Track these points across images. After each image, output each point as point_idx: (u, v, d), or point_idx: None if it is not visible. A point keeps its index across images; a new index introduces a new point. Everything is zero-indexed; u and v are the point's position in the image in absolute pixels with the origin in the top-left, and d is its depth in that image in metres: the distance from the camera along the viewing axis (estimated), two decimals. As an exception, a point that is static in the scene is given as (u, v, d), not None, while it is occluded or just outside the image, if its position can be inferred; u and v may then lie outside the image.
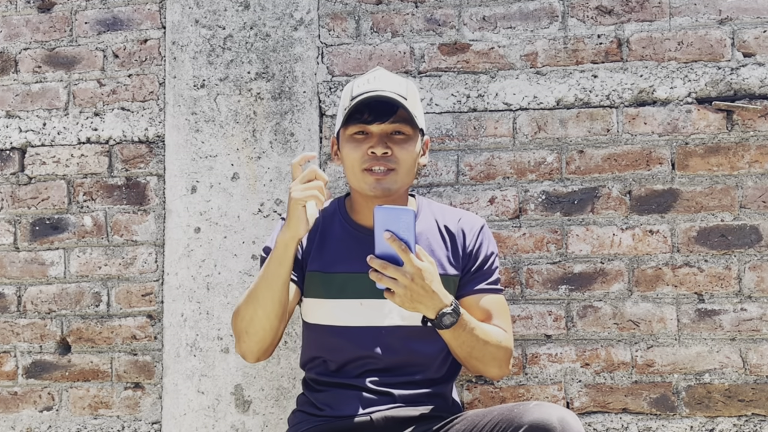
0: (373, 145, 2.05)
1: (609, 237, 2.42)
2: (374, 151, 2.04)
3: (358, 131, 2.08)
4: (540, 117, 2.46)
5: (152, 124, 2.63)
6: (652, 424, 2.37)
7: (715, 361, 2.36)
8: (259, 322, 2.01)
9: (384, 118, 2.05)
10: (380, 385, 2.04)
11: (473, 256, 2.14)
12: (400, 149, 2.07)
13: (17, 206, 2.69)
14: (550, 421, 1.75)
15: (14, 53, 2.73)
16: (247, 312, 2.01)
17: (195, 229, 2.56)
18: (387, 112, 2.05)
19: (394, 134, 2.08)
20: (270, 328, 2.02)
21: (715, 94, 2.40)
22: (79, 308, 2.63)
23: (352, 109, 2.05)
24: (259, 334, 2.03)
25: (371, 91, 2.06)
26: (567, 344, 2.41)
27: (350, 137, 2.08)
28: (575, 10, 2.47)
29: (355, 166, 2.07)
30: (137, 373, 2.59)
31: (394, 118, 2.06)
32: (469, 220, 2.19)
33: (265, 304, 1.99)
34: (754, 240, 2.36)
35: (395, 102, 2.04)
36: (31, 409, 2.64)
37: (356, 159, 2.06)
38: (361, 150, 2.06)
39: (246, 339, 2.05)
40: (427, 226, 2.16)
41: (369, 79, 2.10)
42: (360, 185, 2.08)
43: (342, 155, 2.12)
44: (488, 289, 2.13)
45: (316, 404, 2.09)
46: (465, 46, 2.51)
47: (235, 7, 2.60)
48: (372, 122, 2.05)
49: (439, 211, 2.21)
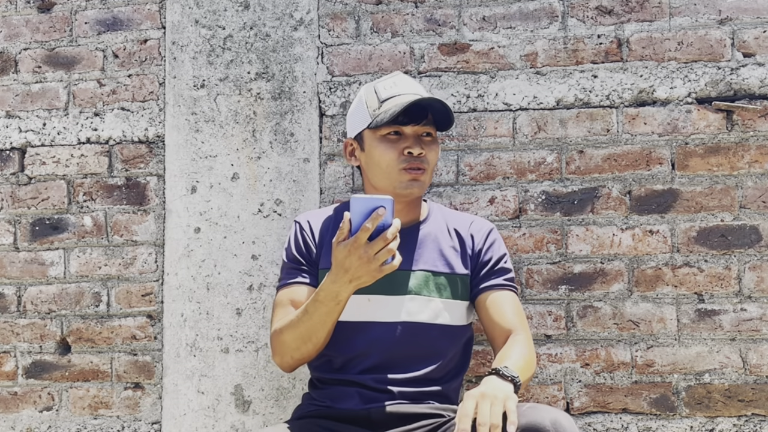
0: (409, 146, 2.09)
1: (609, 237, 2.42)
2: (411, 151, 2.09)
3: (392, 132, 2.11)
4: (540, 117, 2.46)
5: (152, 124, 2.63)
6: (652, 424, 2.37)
7: (715, 361, 2.36)
8: (308, 351, 2.06)
9: (418, 121, 2.10)
10: (382, 382, 2.04)
11: (483, 257, 2.16)
12: (430, 150, 2.13)
13: (17, 206, 2.69)
14: (542, 424, 1.74)
15: (14, 53, 2.73)
16: (294, 342, 2.04)
17: (195, 229, 2.56)
18: (419, 114, 2.10)
19: (423, 135, 2.13)
20: (316, 351, 2.07)
21: (715, 94, 2.40)
22: (79, 308, 2.63)
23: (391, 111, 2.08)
24: (305, 357, 2.08)
25: (403, 94, 2.11)
26: (567, 344, 2.41)
27: (383, 138, 2.11)
28: (575, 10, 2.47)
29: (391, 166, 2.10)
30: (137, 373, 2.59)
31: (426, 121, 2.11)
32: (478, 224, 2.22)
33: (317, 341, 2.03)
34: (754, 240, 2.36)
35: (438, 104, 2.10)
36: (31, 409, 2.64)
37: (393, 159, 2.10)
38: (397, 150, 2.10)
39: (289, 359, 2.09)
40: (437, 228, 2.18)
41: (395, 82, 2.15)
42: (394, 184, 2.10)
43: (371, 156, 2.14)
44: (500, 285, 2.14)
45: (317, 400, 2.10)
46: (465, 46, 2.51)
47: (235, 7, 2.60)
48: (407, 123, 2.10)
49: (450, 216, 2.24)
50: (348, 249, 1.84)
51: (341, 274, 1.89)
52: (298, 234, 2.19)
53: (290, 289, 2.14)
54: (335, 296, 1.94)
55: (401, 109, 2.06)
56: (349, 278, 1.89)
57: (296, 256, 2.16)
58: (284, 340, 2.05)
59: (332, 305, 1.96)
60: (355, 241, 1.83)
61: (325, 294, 1.95)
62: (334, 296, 1.94)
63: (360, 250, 1.83)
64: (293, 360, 2.07)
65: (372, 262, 1.84)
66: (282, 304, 2.13)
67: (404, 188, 2.10)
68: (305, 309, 2.01)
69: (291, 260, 2.17)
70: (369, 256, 1.84)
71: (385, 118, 2.08)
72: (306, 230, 2.19)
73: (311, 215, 2.24)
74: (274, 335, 2.09)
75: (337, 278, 1.91)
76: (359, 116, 2.17)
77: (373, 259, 1.84)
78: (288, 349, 2.05)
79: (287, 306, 2.11)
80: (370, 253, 1.83)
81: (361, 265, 1.85)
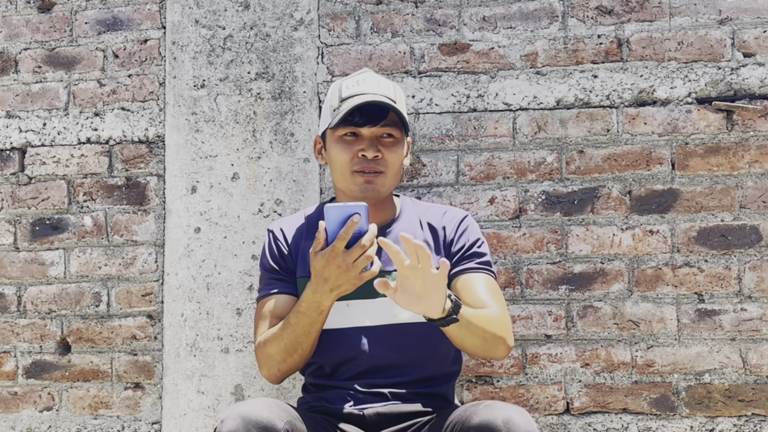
0: (363, 148, 2.05)
1: (609, 237, 2.42)
2: (365, 154, 2.04)
3: (348, 133, 2.07)
4: (540, 117, 2.46)
5: (152, 124, 2.63)
6: (652, 424, 2.37)
7: (715, 361, 2.36)
8: (294, 362, 2.05)
9: (375, 122, 2.05)
10: (373, 387, 2.04)
11: (455, 246, 2.12)
12: (389, 152, 2.07)
13: (17, 206, 2.69)
14: (495, 422, 1.71)
15: (14, 53, 2.73)
16: (280, 355, 2.03)
17: (195, 229, 2.56)
18: (378, 115, 2.05)
19: (383, 137, 2.07)
20: (303, 361, 2.06)
21: (715, 94, 2.40)
22: (79, 308, 2.63)
23: (343, 111, 2.04)
24: (292, 368, 2.07)
25: (362, 94, 2.05)
26: (567, 344, 2.41)
27: (339, 138, 2.07)
28: (575, 10, 2.47)
29: (344, 168, 2.06)
30: (137, 373, 2.59)
31: (385, 122, 2.06)
32: (451, 213, 2.18)
33: (303, 352, 2.02)
34: (754, 240, 2.36)
35: (388, 106, 2.04)
36: (31, 409, 2.64)
37: (346, 161, 2.06)
38: (351, 152, 2.05)
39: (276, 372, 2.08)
40: (410, 225, 2.15)
41: (358, 81, 2.09)
42: (349, 187, 2.07)
43: (329, 156, 2.11)
44: (472, 268, 2.09)
45: (312, 402, 2.10)
46: (465, 46, 2.51)
47: (235, 7, 2.60)
48: (363, 125, 2.05)
49: (424, 210, 2.20)
50: (326, 259, 1.84)
51: (321, 283, 1.89)
52: (272, 243, 2.17)
53: (270, 300, 2.12)
54: (317, 306, 1.94)
55: (351, 108, 2.02)
56: (329, 287, 1.88)
57: (273, 265, 2.14)
58: (270, 353, 2.04)
59: (315, 315, 1.95)
60: (332, 250, 1.83)
61: (307, 305, 1.94)
62: (316, 306, 1.94)
63: (338, 259, 1.83)
64: (280, 372, 2.07)
65: (351, 270, 1.84)
66: (263, 317, 2.11)
67: (359, 191, 2.05)
68: (288, 321, 2.00)
69: (268, 270, 2.15)
70: (347, 265, 1.83)
71: (337, 120, 2.04)
72: (280, 238, 2.16)
73: (284, 223, 2.21)
74: (258, 348, 2.07)
75: (318, 288, 1.90)
76: (324, 114, 2.14)
77: (352, 267, 1.84)
78: (274, 361, 2.04)
79: (269, 318, 2.09)
80: (349, 261, 1.83)
81: (340, 273, 1.84)
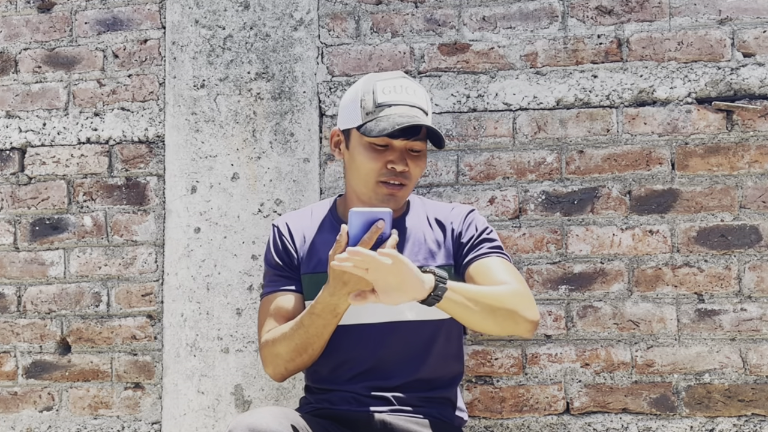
0: (393, 160, 2.03)
1: (609, 237, 2.42)
2: (395, 167, 2.03)
3: (380, 143, 2.04)
4: (540, 117, 2.46)
5: (152, 124, 2.63)
6: (652, 424, 2.37)
7: (715, 361, 2.36)
8: (303, 362, 2.04)
9: (409, 136, 2.03)
10: (375, 389, 2.02)
11: (463, 237, 2.11)
12: (415, 166, 2.07)
13: (17, 206, 2.69)
14: None
15: (14, 53, 2.73)
16: (289, 354, 2.02)
17: (195, 229, 2.56)
18: (413, 130, 2.03)
19: (411, 150, 2.07)
20: (312, 361, 2.05)
21: (715, 94, 2.40)
22: (79, 308, 2.63)
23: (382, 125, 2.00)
24: (300, 367, 2.06)
25: (400, 104, 2.03)
26: (567, 344, 2.41)
27: (369, 145, 2.05)
28: (575, 10, 2.47)
29: (369, 176, 2.05)
30: (137, 373, 2.59)
31: (418, 137, 2.05)
32: (458, 209, 2.18)
33: (313, 352, 2.01)
34: (754, 240, 2.36)
35: (428, 128, 2.03)
36: (31, 409, 2.64)
37: (374, 170, 2.04)
38: (380, 162, 2.03)
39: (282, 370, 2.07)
40: (418, 221, 2.14)
41: (395, 87, 2.06)
42: (369, 194, 2.06)
43: (352, 157, 2.08)
44: (484, 253, 2.07)
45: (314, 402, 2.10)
46: (465, 46, 2.51)
47: (235, 7, 2.60)
48: (397, 137, 2.03)
49: (432, 207, 2.20)
50: None
51: (340, 286, 1.87)
52: (277, 238, 2.16)
53: (275, 297, 2.11)
54: (333, 309, 1.92)
55: (393, 130, 1.99)
56: (348, 291, 1.87)
57: (278, 261, 2.13)
58: (278, 352, 2.03)
59: (330, 317, 1.94)
60: None
61: (323, 307, 1.93)
62: (332, 309, 1.92)
63: None
64: (287, 371, 2.06)
65: None
66: (269, 314, 2.09)
67: (379, 201, 2.04)
68: (300, 322, 1.98)
69: (273, 266, 2.14)
70: None
71: (374, 131, 2.01)
72: (285, 234, 2.15)
73: (289, 218, 2.20)
74: (264, 346, 2.06)
75: (336, 291, 1.89)
76: (351, 111, 2.08)
77: None
78: (282, 360, 2.03)
79: (274, 315, 2.08)
80: None
81: (360, 278, 1.82)
